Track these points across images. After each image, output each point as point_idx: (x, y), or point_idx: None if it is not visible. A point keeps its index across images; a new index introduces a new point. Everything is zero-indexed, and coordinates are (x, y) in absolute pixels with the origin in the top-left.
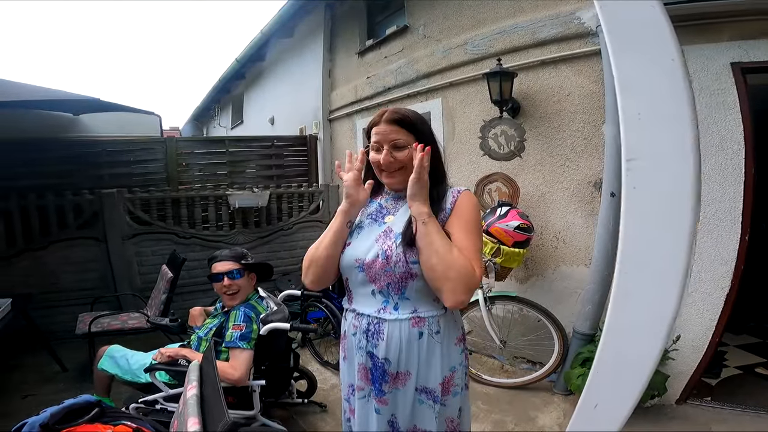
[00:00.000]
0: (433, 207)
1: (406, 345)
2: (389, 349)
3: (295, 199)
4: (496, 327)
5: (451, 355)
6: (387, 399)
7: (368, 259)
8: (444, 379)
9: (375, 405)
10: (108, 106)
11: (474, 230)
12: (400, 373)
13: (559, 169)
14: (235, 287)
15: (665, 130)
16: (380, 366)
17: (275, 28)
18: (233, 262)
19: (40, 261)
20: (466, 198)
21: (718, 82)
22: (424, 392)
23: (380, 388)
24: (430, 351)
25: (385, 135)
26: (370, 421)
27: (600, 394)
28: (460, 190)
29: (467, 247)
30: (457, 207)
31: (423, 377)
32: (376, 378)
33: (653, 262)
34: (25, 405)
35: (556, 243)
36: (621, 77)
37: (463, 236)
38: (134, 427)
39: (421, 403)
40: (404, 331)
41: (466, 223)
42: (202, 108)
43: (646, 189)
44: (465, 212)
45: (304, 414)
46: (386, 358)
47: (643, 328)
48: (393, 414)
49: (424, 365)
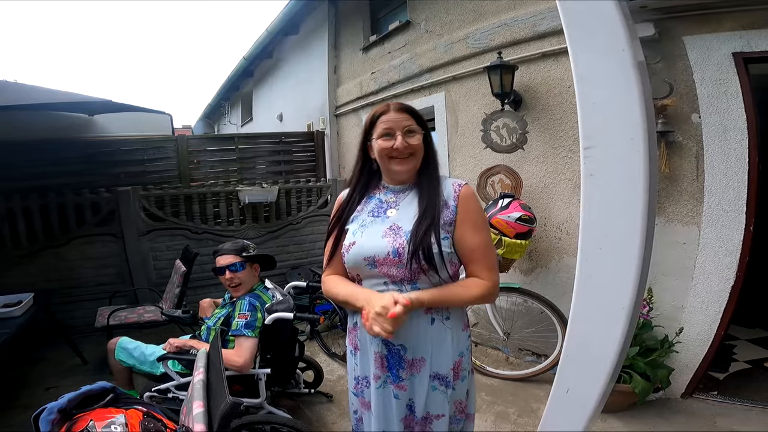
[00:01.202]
0: (430, 195)
1: (420, 331)
2: (405, 335)
3: (304, 194)
4: (500, 319)
5: (460, 341)
6: (405, 385)
7: (380, 257)
8: (454, 364)
9: (393, 390)
10: (120, 106)
11: (482, 225)
12: (416, 359)
13: (562, 161)
14: (237, 279)
15: (618, 118)
16: (396, 352)
17: (281, 26)
18: (234, 255)
19: (60, 257)
20: (470, 193)
21: (720, 72)
22: (437, 379)
23: (397, 374)
24: (442, 337)
25: (397, 122)
26: (390, 407)
27: (570, 379)
28: (461, 183)
29: (479, 246)
30: (464, 205)
31: (436, 363)
32: (392, 365)
33: (611, 246)
34: (47, 397)
35: (560, 234)
36: (578, 68)
37: (475, 236)
38: (144, 410)
39: (434, 390)
40: (417, 317)
41: (475, 222)
42: (212, 106)
43: (602, 176)
44: (473, 210)
45: (310, 404)
46: (402, 344)
47: (605, 312)
48: (411, 399)
49: (437, 351)
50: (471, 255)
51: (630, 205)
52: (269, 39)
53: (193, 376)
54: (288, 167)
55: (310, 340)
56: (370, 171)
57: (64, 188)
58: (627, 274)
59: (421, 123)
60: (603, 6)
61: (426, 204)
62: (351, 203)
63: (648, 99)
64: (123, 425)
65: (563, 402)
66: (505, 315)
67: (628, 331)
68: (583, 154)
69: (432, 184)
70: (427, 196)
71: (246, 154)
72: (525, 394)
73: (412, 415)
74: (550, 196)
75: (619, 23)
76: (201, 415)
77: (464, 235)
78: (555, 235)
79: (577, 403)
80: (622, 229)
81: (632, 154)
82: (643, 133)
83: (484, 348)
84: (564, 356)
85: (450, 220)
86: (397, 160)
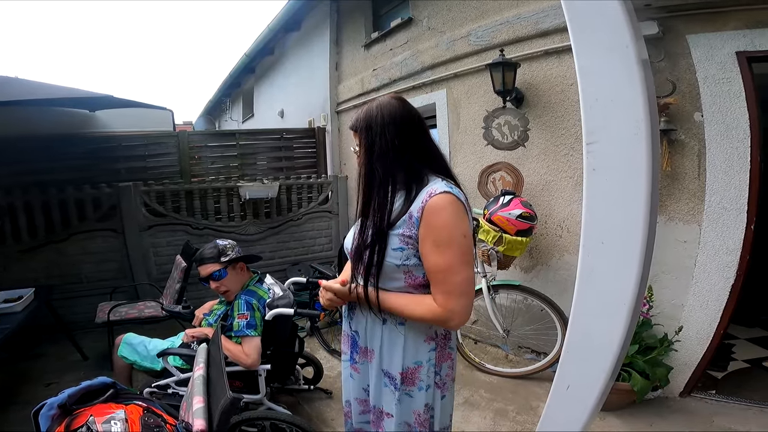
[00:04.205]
0: (383, 205)
1: (371, 325)
2: (358, 323)
3: (305, 190)
4: (500, 316)
5: (418, 350)
6: (358, 368)
7: (350, 252)
8: (406, 369)
9: (350, 370)
10: (121, 102)
11: (446, 244)
12: (368, 349)
13: (563, 158)
14: (223, 287)
15: (621, 113)
16: (352, 336)
17: (282, 23)
18: (212, 263)
19: (61, 252)
20: (438, 206)
21: (723, 71)
22: (387, 376)
23: (353, 357)
24: (392, 339)
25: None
26: (348, 381)
27: (571, 375)
28: (434, 192)
29: (436, 267)
30: (427, 220)
31: (386, 361)
32: (352, 345)
33: (613, 241)
34: (48, 392)
35: (561, 232)
36: (581, 63)
37: (434, 256)
38: (144, 406)
39: (384, 386)
40: (370, 313)
41: (436, 240)
42: (214, 102)
43: (604, 171)
44: (436, 227)
45: (310, 400)
46: (356, 330)
47: (607, 308)
48: (366, 384)
49: (387, 349)
50: (429, 276)
51: (633, 200)
52: (271, 35)
53: (193, 371)
54: (289, 163)
55: (310, 337)
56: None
57: (66, 184)
58: (629, 269)
59: (362, 134)
60: (607, 3)
61: (372, 210)
62: None
63: (651, 95)
64: (123, 420)
65: (563, 399)
66: (505, 312)
67: (630, 327)
68: (586, 150)
69: (381, 191)
70: (377, 202)
71: (247, 150)
72: (524, 392)
73: (368, 400)
74: (551, 194)
75: (623, 19)
76: (201, 411)
77: (424, 254)
78: (556, 233)
79: (577, 400)
80: (625, 224)
81: (635, 150)
82: (646, 129)
83: (483, 345)
84: (565, 352)
85: (412, 233)
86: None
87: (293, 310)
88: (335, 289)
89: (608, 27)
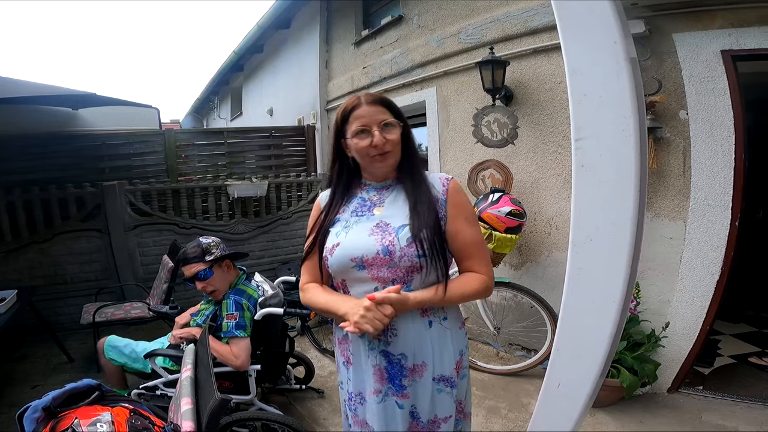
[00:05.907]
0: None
1: (420, 336)
2: (405, 343)
3: (294, 189)
4: (491, 314)
5: (459, 339)
6: (408, 393)
7: (368, 257)
8: (456, 364)
9: (397, 401)
10: (105, 100)
11: (474, 219)
12: (416, 365)
13: (552, 156)
14: (210, 287)
15: (608, 109)
16: (397, 362)
17: (272, 20)
18: (196, 262)
19: (45, 253)
20: (458, 187)
21: (708, 69)
22: (441, 380)
23: (400, 383)
24: (442, 338)
25: (371, 116)
26: (393, 420)
27: (562, 373)
28: (448, 177)
29: (474, 240)
30: (454, 200)
31: (438, 366)
32: (393, 375)
33: (601, 238)
34: (33, 395)
35: (549, 229)
36: (569, 60)
37: (470, 231)
38: (131, 408)
39: (439, 392)
40: (415, 322)
41: (467, 216)
42: (201, 100)
43: (592, 167)
44: (464, 204)
45: (301, 400)
46: (402, 353)
47: (596, 304)
48: (414, 405)
49: (439, 353)
50: (467, 250)
51: (621, 197)
52: (260, 33)
53: (181, 372)
54: (278, 162)
55: (301, 336)
56: (348, 170)
57: (48, 183)
58: (618, 265)
59: (397, 114)
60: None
61: (416, 197)
62: (333, 206)
63: (639, 92)
64: (109, 423)
65: (554, 397)
66: (496, 310)
67: (619, 324)
68: (575, 146)
69: (416, 178)
70: (415, 189)
71: (235, 149)
72: (516, 389)
73: (415, 422)
74: (540, 191)
75: (611, 17)
76: (189, 413)
77: (459, 230)
78: (545, 230)
79: (568, 398)
80: (613, 221)
81: (623, 146)
82: (634, 125)
83: (474, 343)
84: (555, 350)
85: (441, 215)
86: (378, 157)
87: (283, 310)
88: (393, 299)
89: (597, 24)
